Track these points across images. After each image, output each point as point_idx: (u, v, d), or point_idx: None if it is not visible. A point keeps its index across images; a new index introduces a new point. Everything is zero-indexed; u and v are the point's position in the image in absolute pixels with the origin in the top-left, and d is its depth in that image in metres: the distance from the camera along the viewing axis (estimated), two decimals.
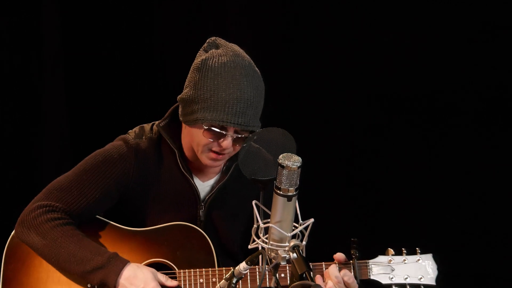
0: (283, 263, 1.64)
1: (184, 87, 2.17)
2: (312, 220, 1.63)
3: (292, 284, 1.57)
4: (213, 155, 2.13)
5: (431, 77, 4.02)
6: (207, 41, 2.19)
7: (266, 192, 2.25)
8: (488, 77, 3.94)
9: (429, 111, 4.03)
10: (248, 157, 1.75)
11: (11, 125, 4.03)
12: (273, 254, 1.64)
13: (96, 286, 2.14)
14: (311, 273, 1.58)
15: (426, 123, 4.06)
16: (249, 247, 1.68)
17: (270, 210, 1.62)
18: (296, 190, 1.56)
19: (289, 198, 1.57)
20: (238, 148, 2.13)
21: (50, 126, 4.09)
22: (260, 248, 1.64)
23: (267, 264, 1.64)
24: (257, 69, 2.16)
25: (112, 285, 2.06)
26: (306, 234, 1.64)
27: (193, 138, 2.15)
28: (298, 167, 1.54)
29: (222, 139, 2.09)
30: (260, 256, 1.64)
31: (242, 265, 1.70)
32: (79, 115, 4.16)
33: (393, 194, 4.04)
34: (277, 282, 1.66)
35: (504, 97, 3.94)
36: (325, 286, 2.07)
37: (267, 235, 1.64)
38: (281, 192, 1.56)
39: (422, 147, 4.07)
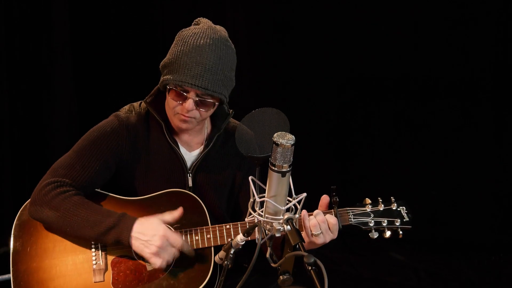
0: (277, 235, 1.71)
1: None
2: (304, 194, 1.71)
3: (286, 255, 1.66)
4: (180, 116, 2.24)
5: (403, 58, 4.28)
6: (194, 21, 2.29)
7: (246, 163, 2.39)
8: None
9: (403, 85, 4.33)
10: (244, 135, 1.83)
11: (23, 104, 4.13)
12: (268, 226, 1.71)
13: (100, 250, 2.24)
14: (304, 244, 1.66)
15: (407, 98, 4.35)
16: (246, 220, 1.76)
17: (264, 185, 1.68)
18: (289, 166, 1.63)
19: (283, 174, 1.63)
20: (204, 113, 2.24)
21: (60, 105, 4.20)
22: (256, 221, 1.72)
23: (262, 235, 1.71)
24: (230, 44, 2.24)
25: (126, 241, 2.16)
26: (299, 207, 1.71)
27: (167, 103, 2.28)
28: (292, 145, 1.60)
29: (184, 101, 2.20)
30: (256, 228, 1.73)
31: (239, 237, 1.79)
32: (86, 95, 4.29)
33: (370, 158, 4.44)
34: (271, 253, 1.73)
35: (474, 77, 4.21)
36: (309, 221, 2.12)
37: (262, 209, 1.71)
38: (275, 169, 1.63)
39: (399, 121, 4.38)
